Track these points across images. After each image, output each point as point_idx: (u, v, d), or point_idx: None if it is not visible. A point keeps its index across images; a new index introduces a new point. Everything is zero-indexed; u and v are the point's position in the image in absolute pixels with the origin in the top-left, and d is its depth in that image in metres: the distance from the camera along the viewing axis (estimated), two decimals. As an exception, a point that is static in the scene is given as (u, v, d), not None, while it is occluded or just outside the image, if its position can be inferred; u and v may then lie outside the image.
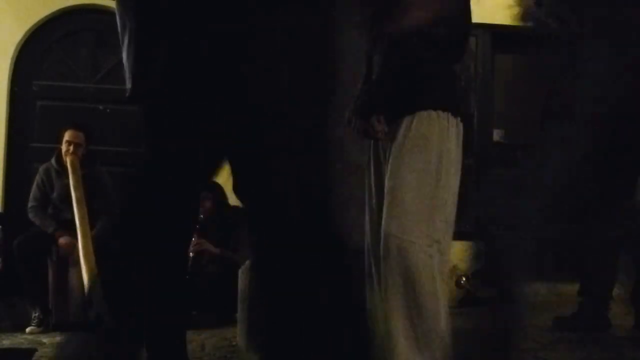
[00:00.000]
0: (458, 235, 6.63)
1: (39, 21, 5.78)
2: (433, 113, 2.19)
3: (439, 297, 2.08)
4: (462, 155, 2.28)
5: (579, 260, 3.42)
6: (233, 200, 4.44)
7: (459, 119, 2.24)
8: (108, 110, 5.75)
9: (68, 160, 4.81)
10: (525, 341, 3.15)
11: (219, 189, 4.75)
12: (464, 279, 5.52)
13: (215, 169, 1.90)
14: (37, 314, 4.71)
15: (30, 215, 4.92)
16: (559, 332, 3.27)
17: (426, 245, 2.07)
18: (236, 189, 2.06)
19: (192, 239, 4.79)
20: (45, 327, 4.65)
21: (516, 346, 2.53)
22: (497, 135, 6.08)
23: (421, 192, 2.10)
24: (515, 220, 2.93)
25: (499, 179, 6.13)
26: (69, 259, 4.70)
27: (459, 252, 5.84)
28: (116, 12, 1.80)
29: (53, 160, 4.96)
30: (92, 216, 4.68)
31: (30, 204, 4.95)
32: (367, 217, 2.34)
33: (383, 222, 2.12)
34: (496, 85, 6.12)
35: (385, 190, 2.16)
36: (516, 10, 3.12)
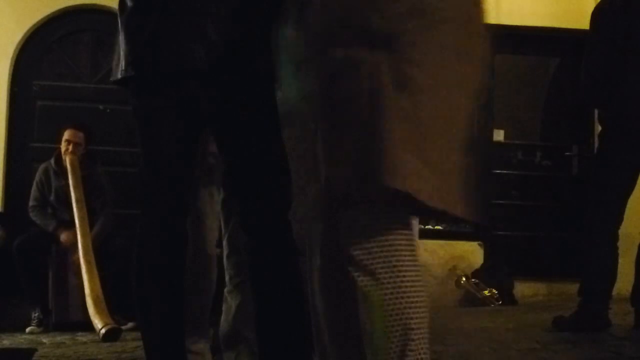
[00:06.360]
0: (458, 235, 6.60)
1: (39, 21, 5.77)
2: None
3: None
4: None
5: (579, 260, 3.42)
6: (233, 200, 4.43)
7: None
8: (108, 110, 5.74)
9: (67, 160, 4.80)
10: (525, 341, 3.16)
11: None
12: (464, 279, 5.52)
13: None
14: (37, 314, 4.71)
15: (32, 215, 4.93)
16: (559, 332, 3.27)
17: None
18: (225, 186, 2.08)
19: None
20: (45, 327, 4.65)
21: None
22: (497, 135, 6.07)
23: None
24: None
25: (499, 179, 6.14)
26: (68, 258, 4.70)
27: (459, 252, 5.84)
28: None
29: (52, 161, 4.95)
30: (91, 216, 4.69)
31: (30, 204, 4.95)
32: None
33: None
34: (496, 85, 6.11)
35: None
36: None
